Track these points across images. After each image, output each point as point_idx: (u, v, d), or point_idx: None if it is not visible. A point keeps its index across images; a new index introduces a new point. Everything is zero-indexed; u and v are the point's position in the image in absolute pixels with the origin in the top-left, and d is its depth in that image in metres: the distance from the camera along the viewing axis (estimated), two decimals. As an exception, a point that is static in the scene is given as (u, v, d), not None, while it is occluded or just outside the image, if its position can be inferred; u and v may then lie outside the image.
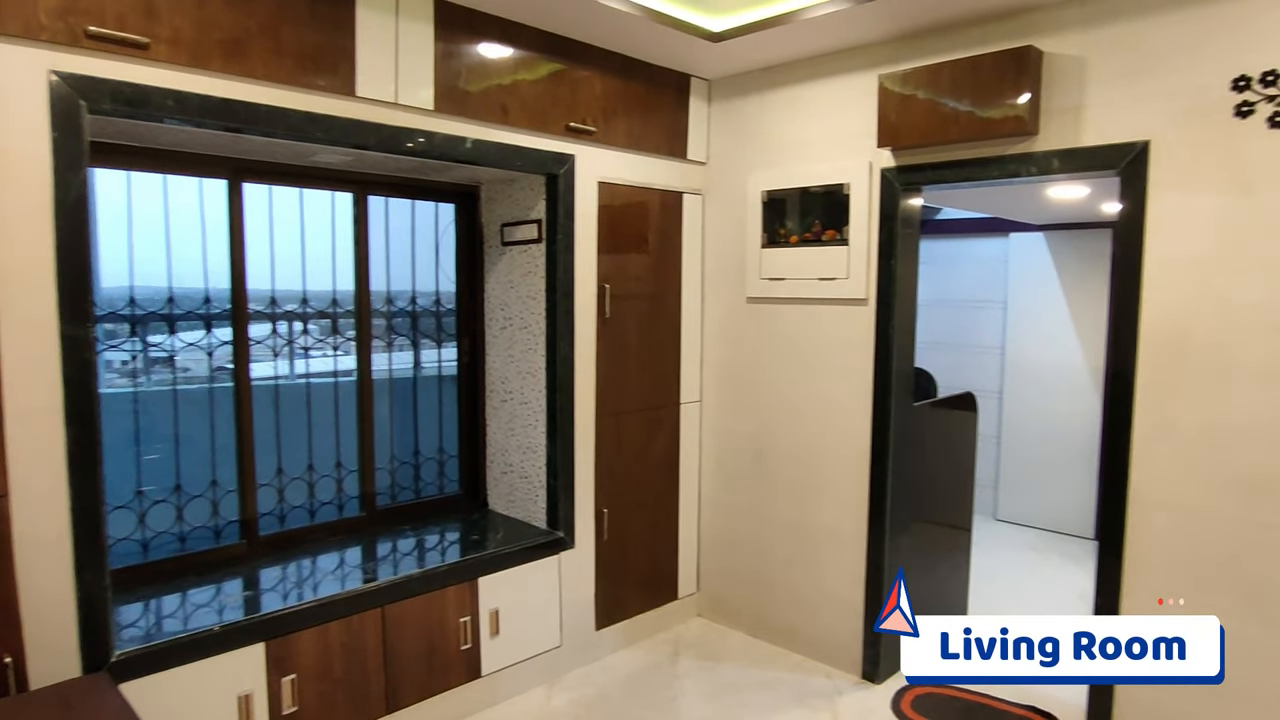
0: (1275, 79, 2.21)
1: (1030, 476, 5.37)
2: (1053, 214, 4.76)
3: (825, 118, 3.24)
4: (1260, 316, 2.28)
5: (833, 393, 3.29)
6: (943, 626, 2.07)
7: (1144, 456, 2.52)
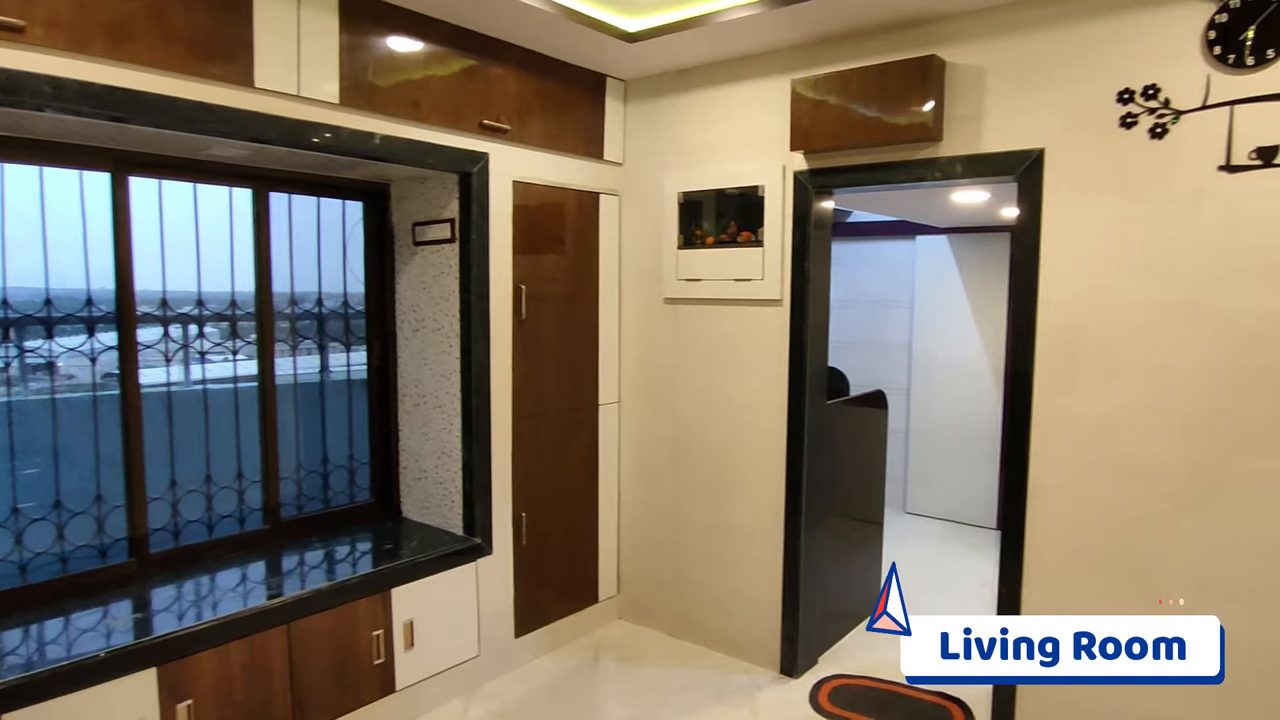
0: (1155, 93, 2.35)
1: (937, 470, 5.58)
2: (956, 217, 4.96)
3: (740, 120, 3.28)
4: (1143, 315, 2.43)
5: (749, 392, 3.33)
6: (942, 626, 2.05)
7: (1042, 449, 2.64)
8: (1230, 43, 2.23)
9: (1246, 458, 2.28)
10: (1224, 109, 2.25)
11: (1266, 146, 2.20)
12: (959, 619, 2.06)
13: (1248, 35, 2.20)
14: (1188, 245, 2.34)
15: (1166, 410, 2.40)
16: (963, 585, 4.35)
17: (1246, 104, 2.22)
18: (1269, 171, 2.20)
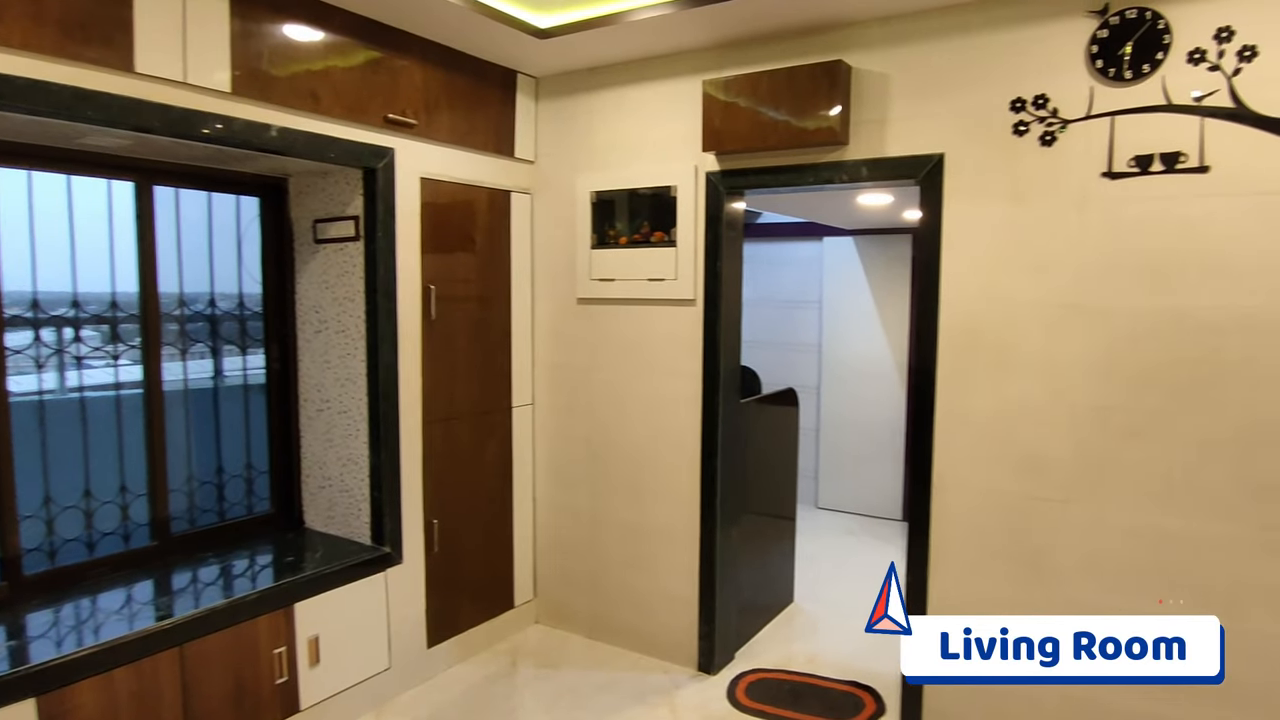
0: (1045, 103, 2.47)
1: (846, 465, 5.74)
2: (861, 219, 5.11)
3: (652, 120, 3.28)
4: (1034, 313, 2.55)
5: (664, 392, 3.34)
6: (942, 627, 2.06)
7: (944, 443, 2.74)
8: (1110, 57, 2.36)
9: (1129, 447, 2.43)
10: (1106, 119, 2.39)
11: (1143, 155, 2.34)
12: (960, 619, 2.06)
13: (1126, 51, 2.34)
14: (1074, 247, 2.47)
15: (1057, 404, 2.53)
16: (871, 574, 4.47)
17: (1125, 115, 2.36)
18: (1145, 178, 2.35)
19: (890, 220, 5.05)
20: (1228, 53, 2.21)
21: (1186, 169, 2.29)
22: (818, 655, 3.49)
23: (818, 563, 4.64)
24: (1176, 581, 2.38)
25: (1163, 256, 2.35)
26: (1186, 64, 2.27)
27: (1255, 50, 2.18)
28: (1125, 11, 2.33)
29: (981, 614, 2.65)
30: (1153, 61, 2.30)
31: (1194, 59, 2.26)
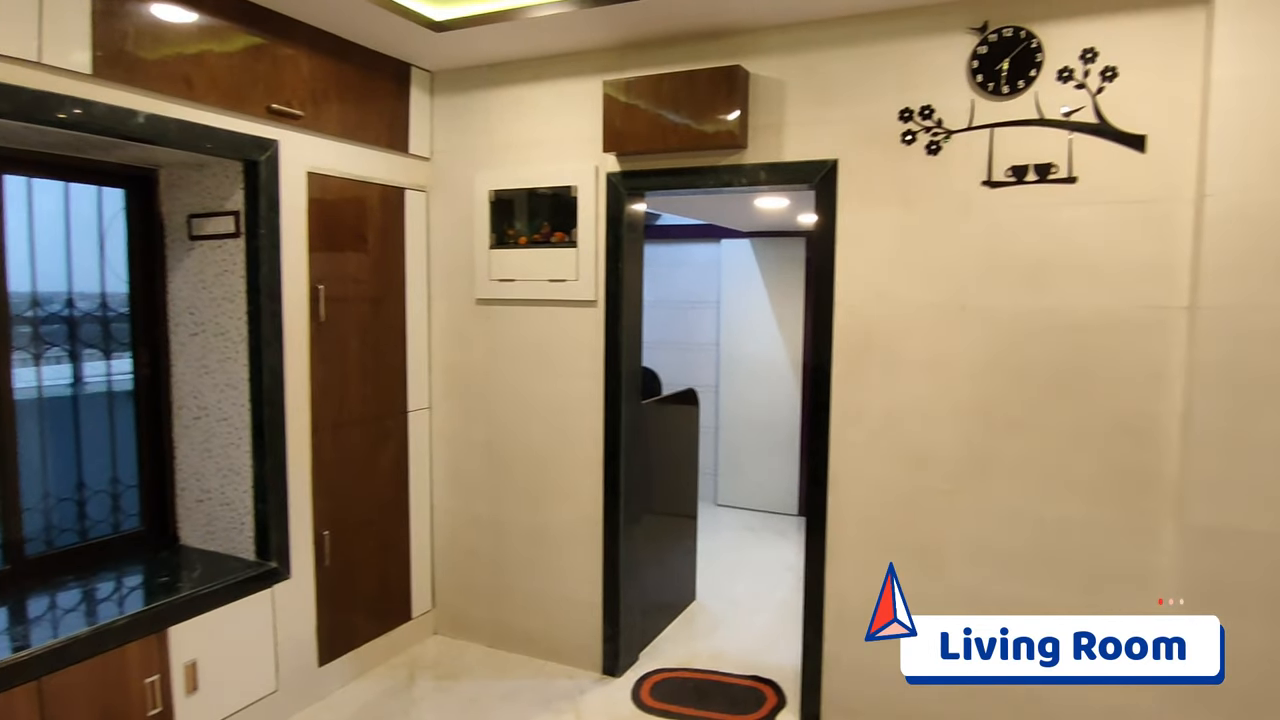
0: (931, 113, 2.59)
1: (744, 462, 5.86)
2: (759, 222, 5.23)
3: (552, 120, 3.24)
4: (922, 314, 2.67)
5: (566, 394, 3.30)
6: (942, 627, 2.06)
7: (839, 439, 2.83)
8: (989, 72, 2.50)
9: (1009, 440, 2.58)
10: (986, 130, 2.52)
11: (1019, 165, 2.49)
12: (959, 619, 2.07)
13: (1003, 67, 2.48)
14: (959, 251, 2.60)
15: (945, 400, 2.65)
16: (770, 570, 4.59)
17: (1003, 127, 2.50)
18: (1021, 187, 2.49)
19: (786, 223, 5.19)
20: (1092, 72, 2.38)
21: (1057, 179, 2.45)
22: (721, 652, 3.54)
23: (718, 560, 4.71)
24: (1053, 565, 2.54)
25: (1037, 260, 2.50)
26: (1057, 81, 2.42)
27: (1116, 71, 2.35)
28: (1002, 30, 2.47)
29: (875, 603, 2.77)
30: (1027, 78, 2.45)
31: (1063, 77, 2.42)
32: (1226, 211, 2.21)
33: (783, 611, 3.96)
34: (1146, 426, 2.41)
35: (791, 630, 3.68)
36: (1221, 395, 2.26)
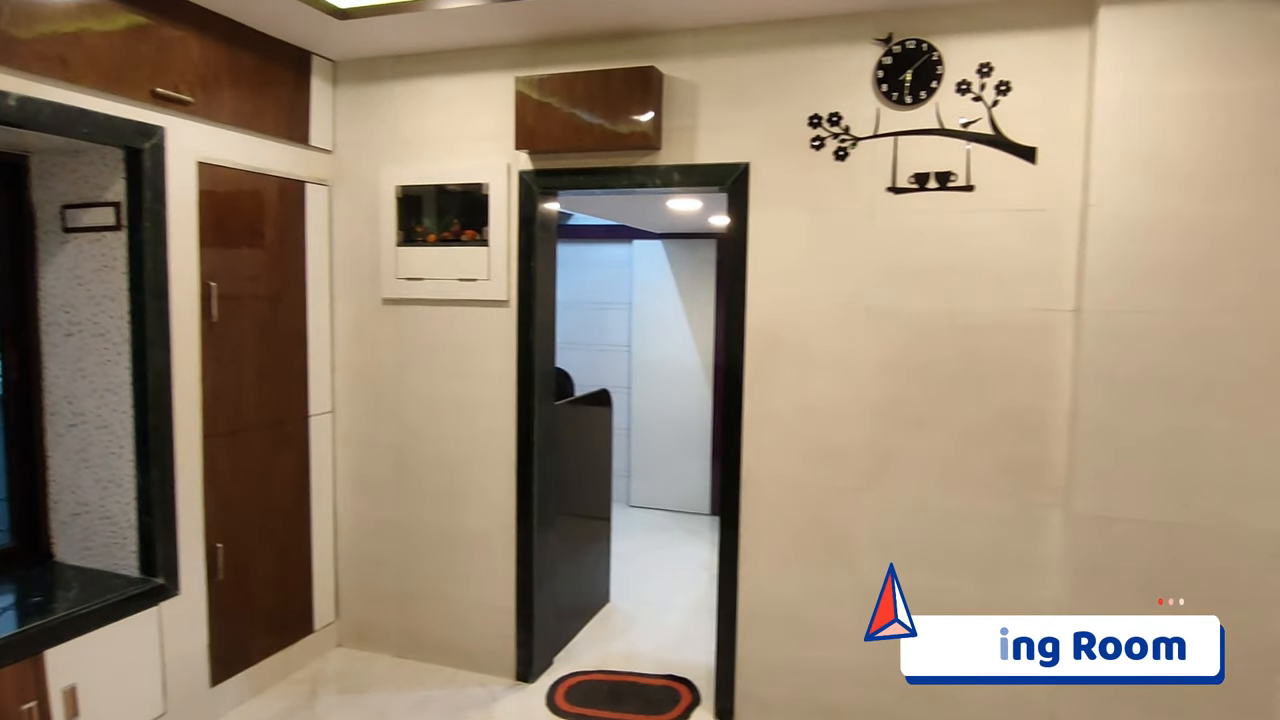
0: (838, 120, 2.66)
1: (657, 463, 5.89)
2: (671, 224, 5.26)
3: (463, 115, 3.16)
4: (831, 315, 2.74)
5: (478, 395, 3.23)
6: (942, 628, 2.06)
7: (752, 438, 2.87)
8: (894, 82, 2.58)
9: (913, 436, 2.67)
10: (891, 138, 2.61)
11: (921, 173, 2.58)
12: (956, 619, 2.07)
13: (906, 77, 2.57)
14: (865, 255, 2.68)
15: (854, 399, 2.73)
16: (684, 569, 4.63)
17: (907, 135, 2.59)
18: (923, 194, 2.59)
19: (698, 225, 5.24)
20: (988, 86, 2.50)
21: (956, 187, 2.55)
22: (635, 652, 3.54)
23: (632, 561, 4.71)
24: (954, 556, 2.65)
25: (937, 264, 2.60)
26: (956, 93, 2.53)
27: (1010, 85, 2.47)
28: (906, 42, 2.56)
29: (789, 598, 2.83)
30: (929, 89, 2.55)
31: (961, 89, 2.52)
32: (1107, 222, 2.36)
33: (697, 610, 4.00)
34: (1037, 422, 2.55)
35: (705, 628, 3.72)
36: (1101, 392, 2.41)
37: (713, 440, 5.68)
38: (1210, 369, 2.30)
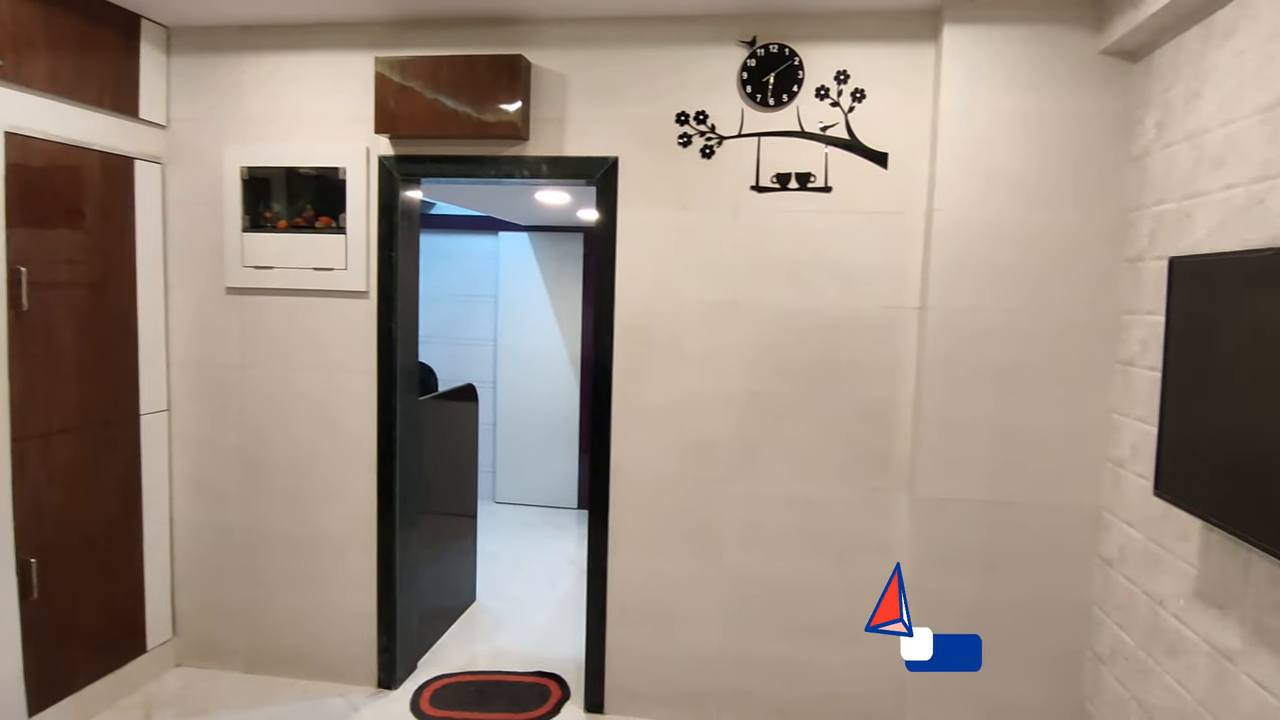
0: (705, 118, 2.72)
1: (523, 458, 5.82)
2: (539, 216, 5.21)
3: (318, 94, 2.98)
4: (699, 310, 2.80)
5: (335, 391, 3.06)
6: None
7: (621, 432, 2.89)
8: (758, 84, 2.67)
9: (776, 428, 2.78)
10: (754, 139, 2.70)
11: (783, 173, 2.69)
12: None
13: (769, 80, 2.66)
14: (730, 251, 2.76)
15: (720, 393, 2.80)
16: (552, 564, 4.60)
17: (769, 137, 2.68)
18: (785, 194, 2.70)
19: (566, 218, 5.22)
20: (845, 93, 2.63)
21: (815, 188, 2.68)
22: (503, 651, 3.49)
23: (499, 558, 4.64)
24: (815, 540, 2.78)
25: (797, 262, 2.72)
26: (815, 98, 2.65)
27: (864, 93, 2.62)
28: (769, 46, 2.65)
29: (658, 589, 2.88)
30: (790, 92, 2.65)
31: (820, 95, 2.64)
32: (949, 225, 2.55)
33: (565, 605, 3.99)
34: (886, 413, 2.72)
35: (575, 623, 3.72)
36: (941, 384, 2.60)
37: (580, 434, 5.68)
38: (1035, 363, 2.54)
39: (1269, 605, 1.69)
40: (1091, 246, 2.48)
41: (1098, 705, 2.49)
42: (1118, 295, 2.47)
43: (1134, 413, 2.34)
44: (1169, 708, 2.07)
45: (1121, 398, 2.43)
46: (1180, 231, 2.11)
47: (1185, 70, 2.12)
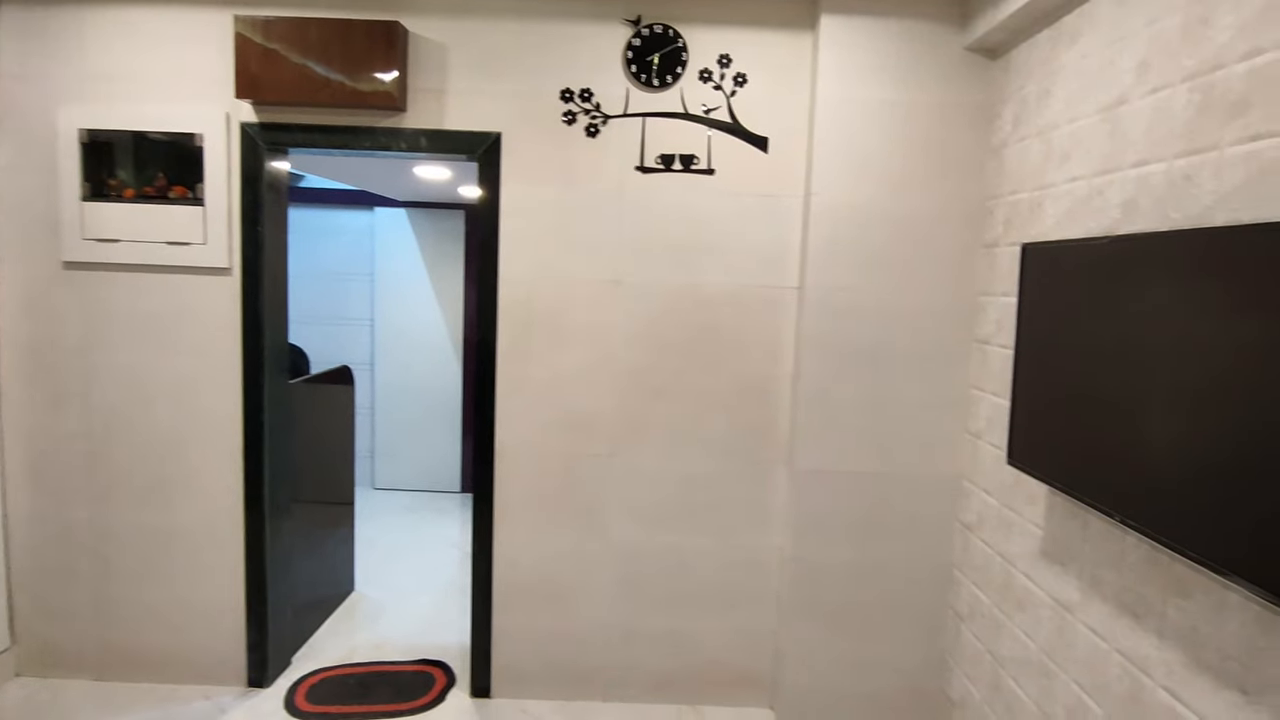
0: (590, 96, 2.69)
1: (403, 442, 5.64)
2: (418, 192, 5.01)
3: (169, 52, 2.73)
4: (583, 289, 2.79)
5: (193, 375, 2.86)
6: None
7: (505, 411, 2.85)
8: (642, 64, 2.67)
9: (657, 404, 2.82)
10: (639, 119, 2.70)
11: (667, 154, 2.70)
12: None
13: (654, 61, 2.66)
14: (614, 230, 2.75)
15: (604, 370, 2.81)
16: (435, 549, 4.50)
17: (654, 118, 2.69)
18: (669, 175, 2.72)
19: (447, 195, 5.06)
20: (727, 76, 2.67)
21: (699, 170, 2.71)
22: (385, 641, 3.38)
23: (378, 545, 4.49)
24: (698, 513, 2.85)
25: (682, 242, 2.75)
26: (699, 80, 2.67)
27: (746, 78, 2.67)
28: (654, 26, 2.65)
29: (545, 567, 2.87)
30: (674, 74, 2.67)
31: (704, 77, 2.67)
32: (824, 209, 2.64)
33: (450, 590, 3.91)
34: (766, 389, 2.81)
35: (460, 608, 3.66)
36: (817, 361, 2.70)
37: (464, 416, 5.56)
38: (903, 340, 2.68)
39: (1103, 560, 1.87)
40: (954, 232, 2.63)
41: (957, 659, 2.69)
42: (976, 278, 2.64)
43: (989, 387, 2.52)
44: (1017, 658, 2.26)
45: (979, 373, 2.61)
46: (1032, 220, 2.27)
47: (1038, 70, 2.28)
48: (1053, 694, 2.07)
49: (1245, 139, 1.47)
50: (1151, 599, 1.69)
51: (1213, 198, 1.54)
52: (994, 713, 2.40)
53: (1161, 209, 1.70)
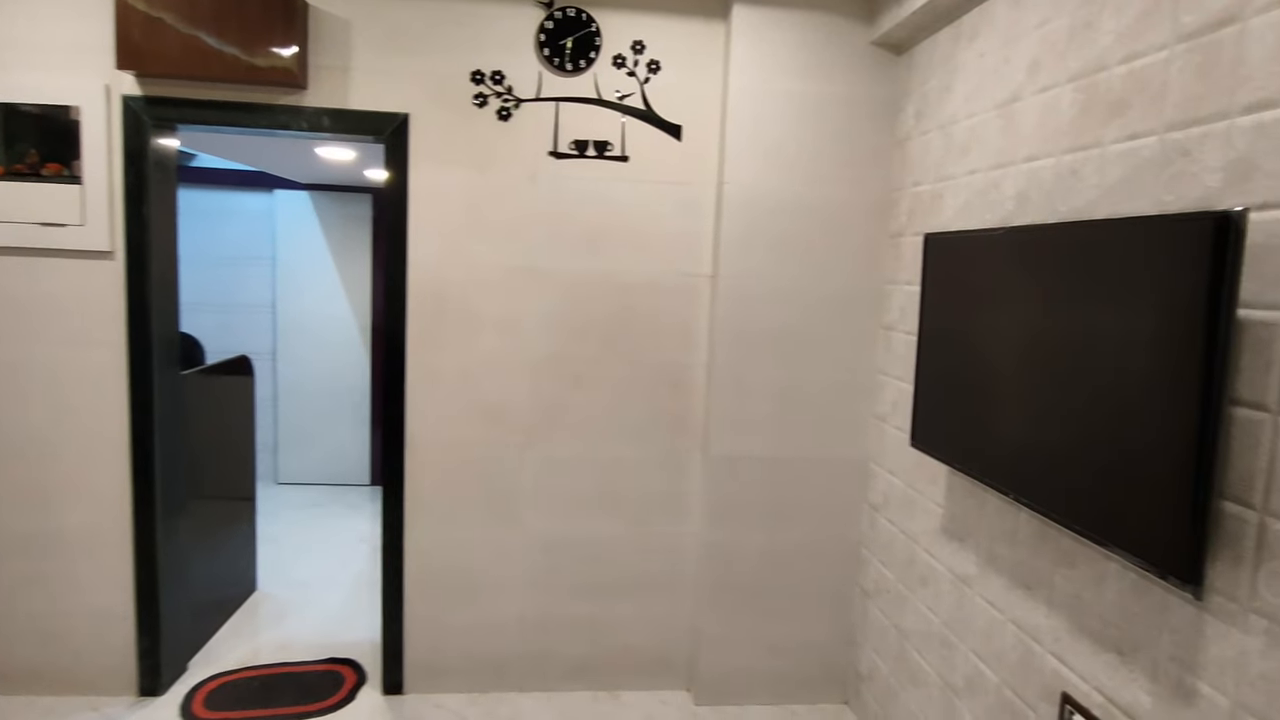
0: (501, 79, 2.63)
1: (308, 435, 5.43)
2: (322, 174, 4.81)
3: (41, 17, 2.52)
4: (497, 276, 2.74)
5: (73, 367, 2.66)
6: None
7: (416, 402, 2.77)
8: (555, 48, 2.63)
9: (573, 391, 2.80)
10: (552, 104, 2.66)
11: (581, 140, 2.68)
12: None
13: (567, 45, 2.62)
14: (528, 216, 2.71)
15: (518, 358, 2.77)
16: (342, 545, 4.35)
17: (568, 103, 2.66)
18: (583, 161, 2.69)
19: (352, 178, 4.87)
20: (641, 63, 2.66)
21: (613, 156, 2.69)
22: (290, 641, 3.26)
23: (282, 542, 4.32)
24: (614, 501, 2.85)
25: (595, 229, 2.73)
26: (613, 66, 2.65)
27: (660, 65, 2.66)
28: (567, 9, 2.62)
29: (457, 559, 2.82)
30: (588, 59, 2.64)
31: (618, 63, 2.65)
32: (737, 197, 2.67)
33: (359, 586, 3.79)
34: (681, 376, 2.83)
35: (370, 603, 3.56)
36: (730, 348, 2.74)
37: (372, 406, 5.39)
38: (812, 327, 2.75)
39: (998, 535, 1.97)
40: (860, 221, 2.71)
41: (865, 635, 2.79)
42: (883, 266, 2.73)
43: (894, 372, 2.61)
44: (920, 631, 2.37)
45: (885, 359, 2.70)
46: (933, 210, 2.36)
47: (939, 66, 2.36)
48: (953, 664, 2.17)
49: (1124, 137, 1.56)
50: (1042, 570, 1.79)
51: (1096, 192, 1.64)
52: (899, 684, 2.50)
53: (1050, 202, 1.79)
